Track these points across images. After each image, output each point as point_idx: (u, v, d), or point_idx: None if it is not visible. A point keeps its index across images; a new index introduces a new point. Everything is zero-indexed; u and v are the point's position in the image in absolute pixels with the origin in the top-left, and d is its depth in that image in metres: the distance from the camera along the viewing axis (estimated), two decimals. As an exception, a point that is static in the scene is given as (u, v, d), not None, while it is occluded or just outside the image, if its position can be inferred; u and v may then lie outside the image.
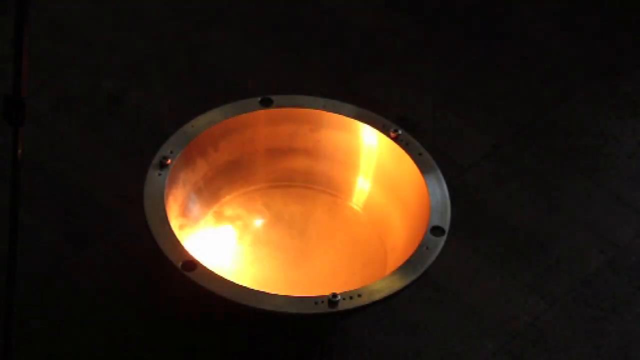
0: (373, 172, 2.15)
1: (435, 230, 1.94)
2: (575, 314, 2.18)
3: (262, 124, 2.14)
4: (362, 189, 2.17)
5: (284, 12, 2.77)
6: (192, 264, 1.84)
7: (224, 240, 2.11)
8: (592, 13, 2.85)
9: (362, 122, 2.12)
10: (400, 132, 2.09)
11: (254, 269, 2.05)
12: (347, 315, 1.90)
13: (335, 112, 2.13)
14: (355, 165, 2.16)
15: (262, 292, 1.82)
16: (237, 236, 2.11)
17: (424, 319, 2.14)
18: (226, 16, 2.75)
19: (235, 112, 2.11)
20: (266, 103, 2.13)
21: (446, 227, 1.94)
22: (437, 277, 2.19)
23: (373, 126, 2.11)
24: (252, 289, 1.82)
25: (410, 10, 2.81)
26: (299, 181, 2.20)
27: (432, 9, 2.82)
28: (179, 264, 1.83)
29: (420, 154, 2.06)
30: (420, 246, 1.91)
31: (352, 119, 2.13)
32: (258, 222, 2.14)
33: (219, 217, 2.13)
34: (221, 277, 1.83)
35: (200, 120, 2.09)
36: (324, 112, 2.14)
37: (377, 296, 1.84)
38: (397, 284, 1.86)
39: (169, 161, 1.99)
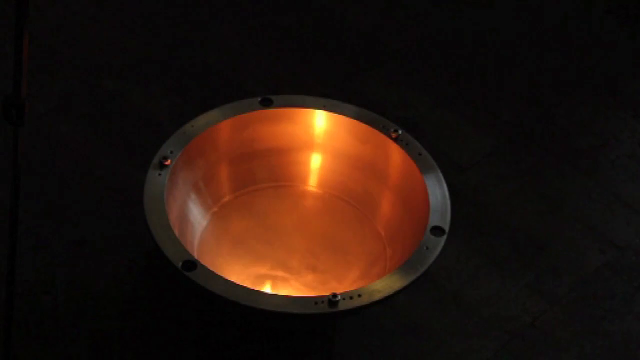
0: (373, 172, 2.15)
1: (435, 230, 1.94)
2: (575, 314, 2.19)
3: (262, 124, 2.14)
4: (362, 188, 2.17)
5: (284, 12, 2.77)
6: (192, 264, 1.84)
7: (224, 240, 2.11)
8: (592, 13, 2.85)
9: (362, 122, 2.12)
10: (400, 132, 2.09)
11: (255, 269, 2.05)
12: (347, 315, 1.90)
13: (336, 112, 2.14)
14: (355, 165, 2.16)
15: (262, 292, 1.82)
16: (237, 236, 2.11)
17: (424, 319, 2.14)
18: (226, 16, 2.75)
19: (235, 112, 2.11)
20: (266, 103, 2.13)
21: (446, 227, 1.95)
22: (437, 277, 2.20)
23: (373, 126, 2.11)
24: (252, 289, 1.82)
25: (410, 10, 2.81)
26: (299, 181, 2.20)
27: (432, 9, 2.82)
28: (179, 264, 1.83)
29: (420, 154, 2.06)
30: (420, 246, 1.91)
31: (352, 119, 2.13)
32: (258, 222, 2.14)
33: (219, 217, 2.13)
34: (221, 277, 1.83)
35: (200, 120, 2.09)
36: (324, 112, 2.14)
37: (377, 296, 1.84)
38: (397, 284, 1.86)
39: (169, 161, 1.99)
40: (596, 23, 2.82)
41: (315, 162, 2.19)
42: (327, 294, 1.81)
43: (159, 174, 1.98)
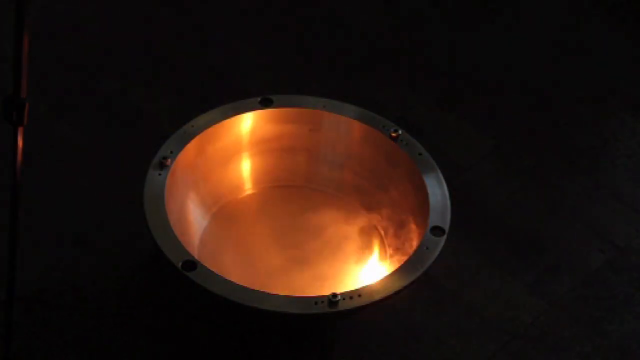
0: (373, 172, 2.15)
1: (435, 230, 1.94)
2: (575, 314, 2.19)
3: (262, 124, 2.14)
4: (362, 188, 2.17)
5: (284, 12, 2.77)
6: (192, 264, 1.84)
7: (224, 240, 2.11)
8: (592, 13, 2.85)
9: (362, 122, 2.12)
10: (400, 132, 2.09)
11: (254, 269, 2.05)
12: (347, 315, 1.90)
13: (336, 112, 2.14)
14: (356, 165, 2.17)
15: (262, 292, 1.82)
16: (237, 236, 2.11)
17: (424, 318, 2.15)
18: (226, 16, 2.75)
19: (235, 112, 2.11)
20: (266, 103, 2.13)
21: (446, 227, 1.94)
22: (437, 277, 2.20)
23: (373, 126, 2.11)
24: (252, 289, 1.82)
25: (410, 10, 2.81)
26: (299, 181, 2.20)
27: (432, 8, 2.82)
28: (179, 264, 1.83)
29: (420, 154, 2.06)
30: (420, 246, 1.91)
31: (352, 119, 2.13)
32: (258, 222, 2.14)
33: (219, 216, 2.13)
34: (221, 277, 1.83)
35: (200, 120, 2.09)
36: (324, 112, 2.14)
37: (377, 296, 1.84)
38: (397, 284, 1.86)
39: (168, 161, 2.00)
40: (596, 23, 2.82)
41: (315, 162, 2.19)
42: (327, 294, 1.82)
43: (159, 174, 1.98)
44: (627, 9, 2.87)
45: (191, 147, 2.05)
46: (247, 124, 2.13)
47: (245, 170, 2.18)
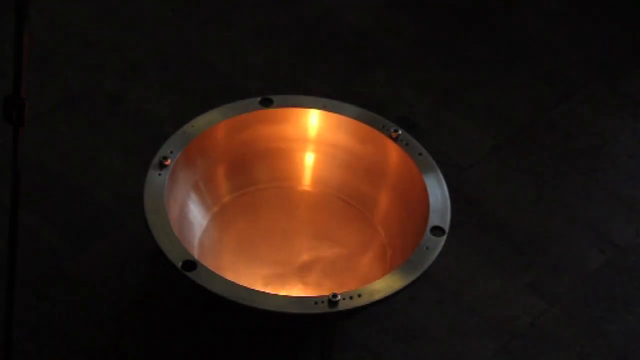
0: (373, 172, 2.15)
1: (435, 230, 1.94)
2: (575, 314, 2.19)
3: (262, 124, 2.14)
4: (362, 188, 2.17)
5: (284, 12, 2.77)
6: (192, 264, 1.84)
7: (224, 240, 2.11)
8: (592, 13, 2.85)
9: (362, 122, 2.12)
10: (400, 132, 2.09)
11: (255, 269, 2.05)
12: (347, 315, 1.90)
13: (336, 112, 2.14)
14: (355, 165, 2.16)
15: (262, 292, 1.83)
16: (237, 236, 2.11)
17: (424, 318, 2.15)
18: (226, 16, 2.75)
19: (235, 112, 2.11)
20: (266, 103, 2.13)
21: (446, 227, 1.95)
22: (437, 277, 2.20)
23: (373, 126, 2.11)
24: (252, 289, 1.82)
25: (411, 10, 2.81)
26: (298, 181, 2.20)
27: (432, 8, 2.82)
28: (179, 264, 1.83)
29: (420, 154, 2.06)
30: (420, 246, 1.91)
31: (352, 119, 2.13)
32: (258, 222, 2.14)
33: (219, 217, 2.13)
34: (221, 277, 1.84)
35: (200, 120, 2.09)
36: (325, 112, 2.14)
37: (377, 296, 1.84)
38: (397, 284, 1.86)
39: (168, 161, 2.00)
40: (596, 22, 2.82)
41: (315, 163, 2.19)
42: (327, 294, 1.82)
43: (159, 174, 1.98)
44: (627, 8, 2.87)
45: (191, 147, 2.05)
46: (247, 124, 2.13)
47: (245, 170, 2.18)
